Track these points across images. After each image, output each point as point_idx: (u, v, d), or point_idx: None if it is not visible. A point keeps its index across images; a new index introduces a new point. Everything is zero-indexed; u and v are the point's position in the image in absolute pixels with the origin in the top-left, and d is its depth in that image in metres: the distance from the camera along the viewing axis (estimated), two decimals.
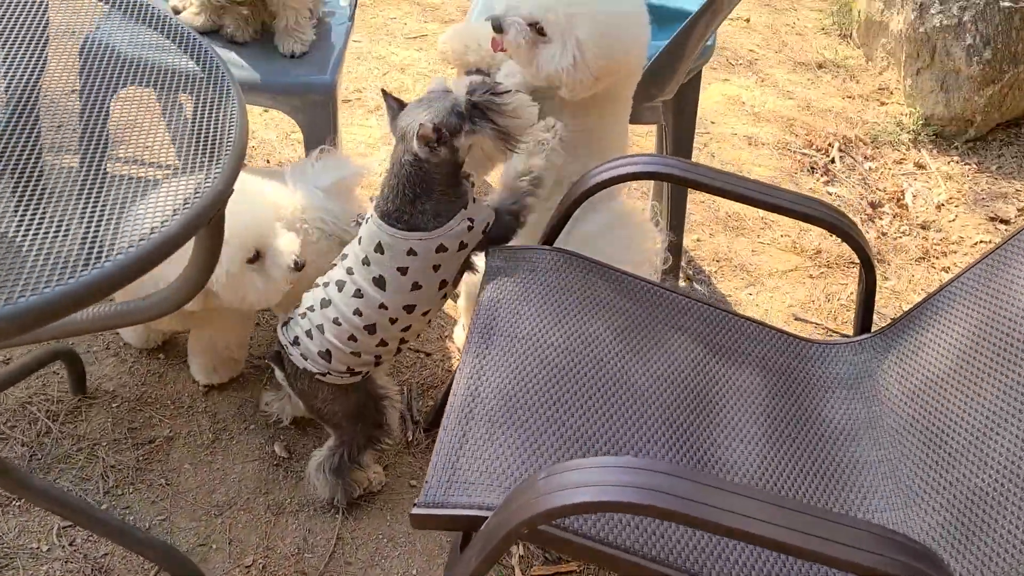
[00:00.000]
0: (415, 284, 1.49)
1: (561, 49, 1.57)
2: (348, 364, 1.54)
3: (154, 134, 1.12)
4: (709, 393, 1.41)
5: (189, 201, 0.94)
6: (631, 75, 1.69)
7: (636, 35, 1.63)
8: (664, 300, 1.54)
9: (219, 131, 1.07)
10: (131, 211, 0.95)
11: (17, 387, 1.79)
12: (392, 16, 3.31)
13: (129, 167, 1.08)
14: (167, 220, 0.90)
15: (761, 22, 3.72)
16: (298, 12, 1.89)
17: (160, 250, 0.88)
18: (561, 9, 1.57)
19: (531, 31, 1.60)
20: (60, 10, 1.36)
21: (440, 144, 1.40)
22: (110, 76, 1.17)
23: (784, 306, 2.41)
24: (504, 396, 1.30)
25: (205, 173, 0.99)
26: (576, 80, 1.60)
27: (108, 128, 1.08)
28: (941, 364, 1.40)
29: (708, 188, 1.50)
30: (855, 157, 3.03)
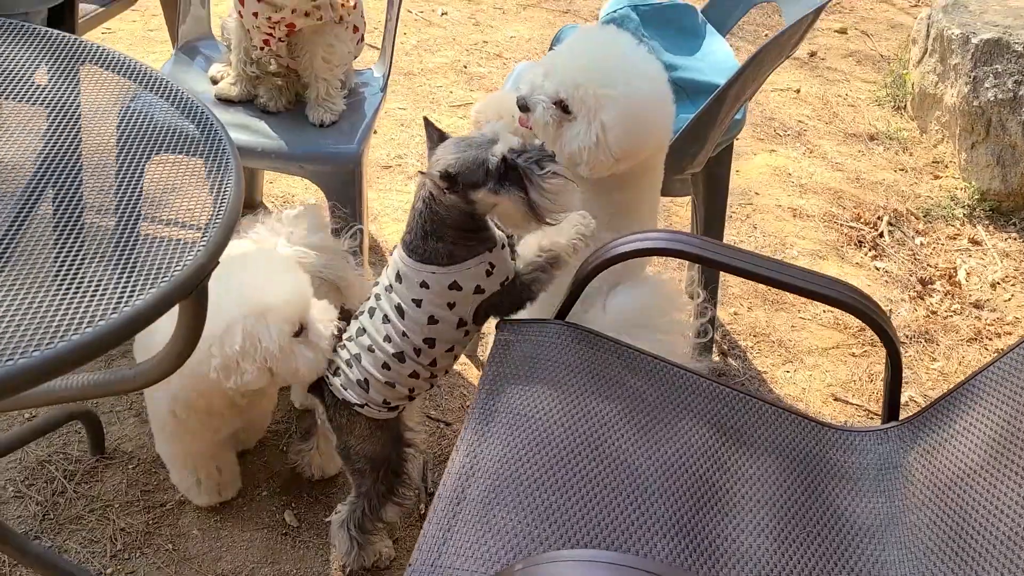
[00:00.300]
0: (431, 318, 1.46)
1: (585, 128, 1.57)
2: (384, 395, 1.52)
3: (153, 202, 1.13)
4: (719, 482, 1.35)
5: (167, 274, 0.94)
6: (656, 154, 1.68)
7: (660, 119, 1.62)
8: (678, 380, 1.49)
9: (211, 205, 1.07)
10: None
11: (39, 445, 1.81)
12: (439, 84, 3.36)
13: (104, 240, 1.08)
14: (142, 292, 0.90)
15: (812, 93, 3.68)
16: (329, 83, 1.92)
17: (131, 324, 0.88)
18: (590, 89, 1.57)
19: (556, 109, 1.60)
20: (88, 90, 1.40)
21: (452, 192, 1.37)
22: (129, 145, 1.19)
23: (823, 385, 2.33)
24: (499, 477, 1.26)
25: (190, 246, 0.99)
26: (597, 160, 1.59)
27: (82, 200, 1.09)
28: (970, 459, 1.32)
29: (724, 267, 1.45)
30: (905, 232, 2.94)
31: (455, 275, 1.43)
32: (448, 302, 1.45)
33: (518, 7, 4.04)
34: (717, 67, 1.96)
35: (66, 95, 1.28)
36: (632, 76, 1.56)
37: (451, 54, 3.57)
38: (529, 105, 1.64)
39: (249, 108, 1.96)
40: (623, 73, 1.56)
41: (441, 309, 1.45)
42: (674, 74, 1.95)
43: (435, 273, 1.42)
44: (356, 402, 1.52)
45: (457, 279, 1.43)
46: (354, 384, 1.52)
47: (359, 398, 1.52)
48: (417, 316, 1.46)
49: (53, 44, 1.40)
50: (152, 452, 1.85)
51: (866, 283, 2.68)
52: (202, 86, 2.01)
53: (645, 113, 1.58)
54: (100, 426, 1.79)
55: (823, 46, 4.05)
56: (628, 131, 1.57)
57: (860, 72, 3.88)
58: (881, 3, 4.54)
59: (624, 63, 1.58)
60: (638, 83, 1.56)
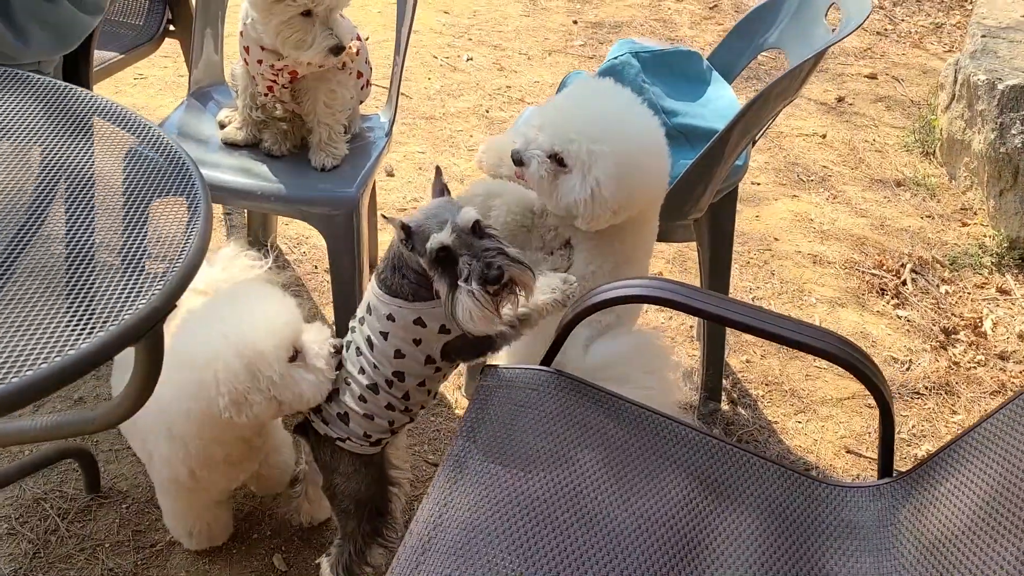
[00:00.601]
0: (397, 352, 1.46)
1: (580, 181, 1.58)
2: (364, 428, 1.52)
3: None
4: (699, 537, 1.31)
5: (118, 317, 0.95)
6: (650, 205, 1.67)
7: (654, 171, 1.62)
8: (662, 431, 1.46)
9: (174, 250, 1.08)
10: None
11: (36, 482, 1.83)
12: (459, 128, 3.39)
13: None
14: (90, 335, 0.91)
15: (838, 138, 3.63)
16: (331, 128, 1.94)
17: (76, 368, 0.88)
18: (584, 144, 1.57)
19: (551, 163, 1.61)
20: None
21: (407, 247, 1.37)
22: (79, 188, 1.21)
23: (836, 437, 2.26)
24: (469, 529, 1.24)
25: (146, 289, 1.00)
26: (593, 213, 1.59)
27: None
28: (960, 518, 1.26)
29: (707, 315, 1.43)
30: (930, 280, 2.87)
31: (419, 312, 1.43)
32: (413, 338, 1.45)
33: (543, 53, 4.07)
34: (719, 113, 1.94)
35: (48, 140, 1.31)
36: (625, 131, 1.57)
37: (473, 99, 3.60)
38: (524, 160, 1.64)
39: (254, 152, 1.99)
40: (616, 128, 1.56)
41: (407, 344, 1.46)
42: (675, 120, 1.94)
43: (400, 307, 1.43)
44: (337, 436, 1.52)
45: (422, 316, 1.43)
46: (334, 418, 1.52)
47: (340, 432, 1.52)
48: (384, 348, 1.46)
49: (50, 93, 1.44)
50: (147, 492, 1.85)
51: (887, 332, 2.62)
52: (211, 131, 2.05)
53: (638, 167, 1.58)
54: (95, 464, 1.80)
55: (852, 91, 4.01)
56: (622, 185, 1.57)
57: (889, 118, 3.83)
58: (914, 48, 4.50)
59: (617, 118, 1.58)
60: (631, 138, 1.57)
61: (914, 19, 4.83)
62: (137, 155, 1.28)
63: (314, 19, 1.76)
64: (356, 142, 2.06)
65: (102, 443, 1.93)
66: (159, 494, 1.70)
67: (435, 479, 1.33)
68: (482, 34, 4.20)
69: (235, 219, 2.71)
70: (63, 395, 2.03)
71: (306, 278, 2.53)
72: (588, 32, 4.33)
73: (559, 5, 4.61)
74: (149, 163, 1.26)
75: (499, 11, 4.47)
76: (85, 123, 1.35)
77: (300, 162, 1.97)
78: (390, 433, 1.56)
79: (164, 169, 1.25)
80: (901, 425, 2.31)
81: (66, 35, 1.75)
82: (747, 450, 1.47)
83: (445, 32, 4.17)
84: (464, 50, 4.02)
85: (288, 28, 1.76)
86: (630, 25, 4.45)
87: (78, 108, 1.40)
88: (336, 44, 1.78)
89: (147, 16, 2.39)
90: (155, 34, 2.39)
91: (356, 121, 2.08)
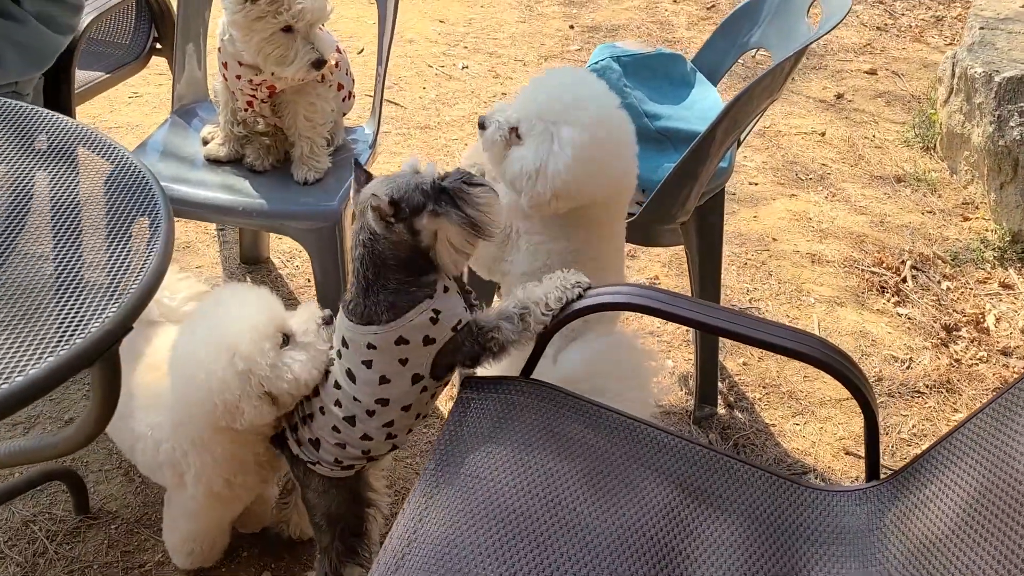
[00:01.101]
0: (383, 378, 1.41)
1: (532, 153, 1.55)
2: (336, 455, 1.49)
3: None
4: (679, 545, 1.29)
5: (71, 340, 0.94)
6: (608, 200, 1.63)
7: (612, 163, 1.58)
8: (643, 438, 1.43)
9: (130, 274, 1.07)
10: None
11: (25, 504, 1.83)
12: (454, 137, 3.38)
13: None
14: (40, 359, 0.90)
15: (837, 135, 3.60)
16: (312, 141, 1.94)
17: (26, 392, 0.87)
18: (544, 122, 1.55)
19: (510, 133, 1.60)
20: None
21: (398, 220, 1.32)
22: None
23: (835, 439, 2.23)
24: (444, 544, 1.22)
25: (99, 314, 0.99)
26: (535, 191, 1.55)
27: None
28: (946, 521, 1.23)
29: (686, 321, 1.41)
30: (931, 276, 2.83)
31: (399, 331, 1.38)
32: (399, 359, 1.40)
33: (539, 59, 4.06)
34: (703, 115, 1.92)
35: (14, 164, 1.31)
36: (588, 117, 1.54)
37: (469, 107, 3.59)
38: (485, 124, 1.63)
39: (237, 168, 1.98)
40: (579, 113, 1.53)
41: (392, 367, 1.41)
42: (658, 123, 1.92)
43: (377, 333, 1.38)
44: (307, 459, 1.51)
45: (402, 334, 1.38)
46: (306, 442, 1.51)
47: (310, 456, 1.51)
48: (368, 377, 1.42)
49: (16, 116, 1.44)
50: (136, 512, 1.85)
51: (887, 330, 2.58)
52: (195, 148, 2.05)
53: (593, 155, 1.54)
54: (83, 486, 1.80)
55: (851, 87, 3.97)
56: (570, 168, 1.53)
57: (889, 113, 3.79)
58: (914, 42, 4.45)
59: (583, 104, 1.55)
60: (592, 125, 1.54)
61: (914, 13, 4.79)
62: (97, 174, 1.27)
63: (295, 35, 1.75)
64: (340, 155, 2.05)
65: (92, 464, 1.93)
66: (183, 518, 1.66)
67: (410, 495, 1.31)
68: (477, 42, 4.20)
69: (228, 235, 2.71)
70: (54, 416, 2.03)
71: (298, 292, 2.52)
72: (584, 36, 4.31)
73: (555, 10, 4.60)
74: (111, 183, 1.25)
75: (495, 18, 4.46)
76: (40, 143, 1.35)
77: (283, 176, 1.96)
78: (365, 460, 1.54)
79: (126, 188, 1.24)
80: (901, 425, 2.28)
81: (36, 54, 1.75)
82: (731, 456, 1.44)
83: (440, 41, 4.17)
84: (459, 58, 4.01)
85: (269, 45, 1.75)
86: (627, 28, 4.43)
87: (32, 127, 1.40)
88: (318, 58, 1.78)
89: (133, 35, 2.40)
90: (141, 52, 2.39)
91: (339, 133, 2.08)
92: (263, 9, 1.70)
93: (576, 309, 1.44)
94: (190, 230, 2.72)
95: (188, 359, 1.46)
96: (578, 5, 4.67)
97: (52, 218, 1.20)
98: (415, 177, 1.35)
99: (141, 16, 2.38)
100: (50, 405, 2.06)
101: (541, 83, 1.66)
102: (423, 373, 1.43)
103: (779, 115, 3.68)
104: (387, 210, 1.31)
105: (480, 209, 1.34)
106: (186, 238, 2.69)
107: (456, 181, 1.35)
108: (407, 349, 1.39)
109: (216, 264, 2.61)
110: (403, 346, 1.39)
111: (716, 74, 2.15)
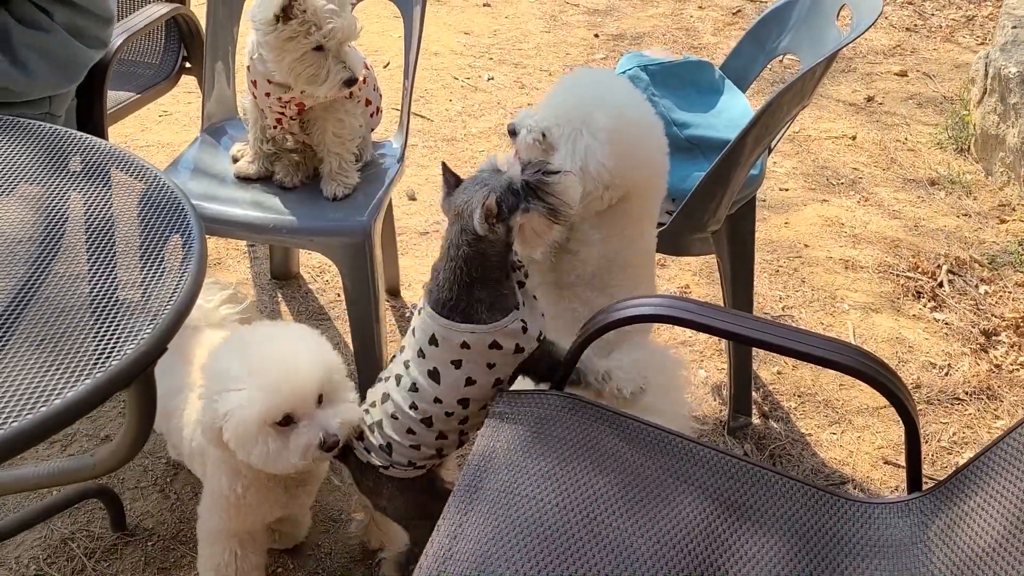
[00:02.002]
0: (469, 379, 1.45)
1: (570, 157, 1.56)
2: (409, 457, 1.51)
3: None
4: (718, 560, 1.27)
5: (107, 361, 0.94)
6: (641, 201, 1.62)
7: (644, 143, 1.58)
8: (678, 450, 1.42)
9: (164, 294, 1.07)
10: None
11: (63, 522, 1.85)
12: (481, 149, 3.38)
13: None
14: (77, 381, 0.90)
15: (868, 139, 3.56)
16: (341, 157, 1.94)
17: (65, 415, 0.88)
18: (572, 119, 1.57)
19: (543, 138, 1.61)
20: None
21: (499, 221, 1.37)
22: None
23: (873, 448, 2.19)
24: (480, 560, 1.21)
25: (134, 336, 0.99)
26: (585, 191, 1.57)
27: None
28: (991, 534, 1.20)
29: (719, 332, 1.39)
30: (968, 280, 2.78)
31: (495, 334, 1.41)
32: (488, 362, 1.44)
33: (564, 69, 4.05)
34: (732, 123, 1.91)
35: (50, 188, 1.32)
36: (612, 110, 1.55)
37: (495, 118, 3.60)
38: (516, 130, 1.65)
39: (267, 185, 1.99)
40: (603, 104, 1.54)
41: (480, 369, 1.44)
42: (687, 132, 1.91)
43: (475, 332, 1.41)
44: (380, 464, 1.52)
45: (497, 338, 1.42)
46: (377, 449, 1.52)
47: (383, 461, 1.52)
48: (454, 378, 1.44)
49: (50, 139, 1.46)
50: (172, 528, 1.86)
51: (924, 336, 2.54)
52: (225, 166, 2.06)
53: (625, 137, 1.55)
54: (119, 503, 1.81)
55: (881, 90, 3.93)
56: (608, 156, 1.53)
57: (921, 115, 3.74)
58: (945, 42, 4.40)
59: (606, 99, 1.57)
60: (619, 111, 1.55)
61: (944, 13, 4.73)
62: (130, 195, 1.28)
63: (326, 53, 1.76)
64: (368, 169, 2.06)
65: (127, 481, 1.95)
66: (202, 511, 1.67)
67: (445, 510, 1.30)
68: (503, 53, 4.20)
69: (258, 251, 2.72)
70: (91, 433, 2.05)
71: (329, 307, 2.53)
72: (609, 45, 4.30)
73: (580, 19, 4.60)
74: (144, 203, 1.26)
75: (520, 29, 4.47)
76: (75, 165, 1.36)
77: (313, 192, 1.97)
78: (438, 457, 1.55)
79: (159, 208, 1.25)
80: (941, 433, 2.24)
81: (66, 66, 1.77)
82: (768, 468, 1.42)
83: (466, 53, 4.18)
84: (485, 70, 4.02)
85: (301, 64, 1.76)
86: (652, 35, 4.42)
87: (66, 150, 1.41)
88: (350, 76, 1.78)
89: (163, 55, 2.42)
90: (171, 72, 2.42)
91: (367, 149, 2.08)
92: (294, 30, 1.70)
93: (608, 322, 1.42)
94: (221, 246, 2.74)
95: (218, 376, 1.45)
96: (602, 14, 4.67)
97: (87, 239, 1.21)
98: (501, 177, 1.41)
99: (170, 36, 2.40)
100: (87, 423, 2.07)
101: (563, 86, 1.66)
102: (504, 378, 1.47)
103: (809, 119, 3.65)
104: (495, 211, 1.36)
105: (561, 196, 1.41)
106: (217, 255, 2.71)
107: (537, 174, 1.41)
108: (498, 354, 1.43)
109: (247, 280, 2.63)
110: (495, 351, 1.43)
111: (745, 80, 2.13)
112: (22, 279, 1.11)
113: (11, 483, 1.14)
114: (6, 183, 1.30)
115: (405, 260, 2.70)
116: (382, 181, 2.03)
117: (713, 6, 4.77)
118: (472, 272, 1.40)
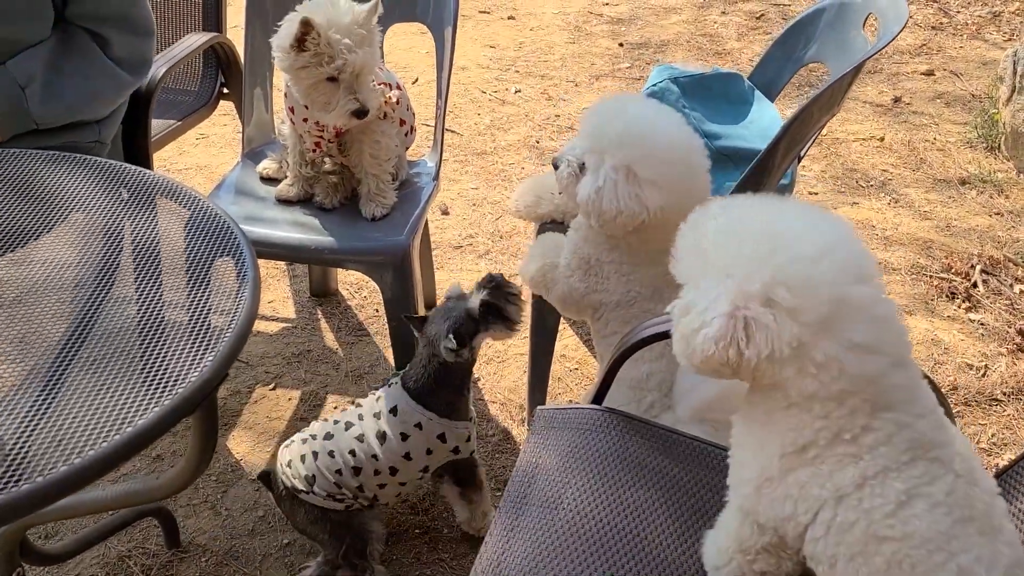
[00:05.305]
0: (407, 454, 1.67)
1: (591, 181, 1.62)
2: (328, 491, 1.68)
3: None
4: None
5: (171, 390, 0.99)
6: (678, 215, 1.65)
7: (667, 175, 1.60)
8: (720, 464, 1.44)
9: (223, 321, 1.12)
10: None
11: (121, 540, 1.90)
12: (511, 162, 3.42)
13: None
14: (145, 409, 0.95)
15: (897, 140, 3.56)
16: (379, 178, 1.99)
17: (135, 443, 0.93)
18: (598, 147, 1.62)
19: (580, 169, 1.66)
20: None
21: (462, 348, 1.62)
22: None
23: None
24: (530, 572, 1.25)
25: (197, 361, 1.04)
26: (599, 211, 1.62)
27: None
28: None
29: None
30: (1002, 280, 2.78)
31: (446, 428, 1.68)
32: (428, 448, 1.68)
33: (590, 79, 4.09)
34: (762, 133, 1.93)
35: (107, 218, 1.37)
36: (647, 138, 1.59)
37: (524, 130, 3.64)
38: (558, 164, 1.73)
39: (307, 206, 2.05)
40: (638, 134, 1.60)
41: (420, 450, 1.68)
42: (718, 143, 1.93)
43: (431, 420, 1.67)
44: (302, 488, 1.68)
45: (446, 433, 1.68)
46: (302, 477, 1.68)
47: (304, 486, 1.68)
48: (396, 448, 1.67)
49: (104, 171, 1.51)
50: (224, 544, 1.91)
51: (959, 337, 2.54)
52: (265, 189, 2.12)
53: (644, 170, 1.58)
54: (174, 521, 1.86)
55: (908, 90, 3.92)
56: (632, 180, 1.58)
57: (949, 114, 3.74)
58: (971, 40, 4.38)
59: (640, 125, 1.61)
60: (639, 143, 1.59)
61: (970, 10, 4.71)
62: (180, 223, 1.33)
63: (339, 84, 1.81)
64: (405, 189, 2.10)
65: (180, 498, 2.00)
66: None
67: (492, 526, 1.34)
68: (529, 65, 4.24)
69: (297, 269, 2.78)
70: (143, 453, 2.11)
71: (368, 322, 2.58)
72: (634, 54, 4.33)
73: (603, 29, 4.63)
74: (197, 232, 1.31)
75: (544, 40, 4.51)
76: (139, 197, 1.42)
77: (352, 213, 2.02)
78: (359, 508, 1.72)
79: (212, 237, 1.30)
80: (980, 434, 2.24)
81: (105, 91, 1.81)
82: None
83: (492, 66, 4.22)
84: (512, 82, 4.06)
85: (315, 91, 1.82)
86: (676, 43, 4.44)
87: (117, 181, 1.47)
88: (358, 108, 1.82)
89: (201, 82, 2.49)
90: (210, 98, 2.48)
91: (403, 168, 2.13)
92: (308, 60, 1.76)
93: (645, 337, 1.45)
94: (261, 266, 2.80)
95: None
96: (625, 23, 4.70)
97: (147, 266, 1.26)
98: (461, 304, 1.67)
99: (208, 64, 2.47)
100: None
101: (593, 113, 1.70)
102: (432, 468, 1.73)
103: (836, 122, 3.65)
104: (455, 349, 1.62)
105: (519, 305, 1.68)
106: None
107: (494, 293, 1.66)
108: (440, 446, 1.70)
109: (287, 298, 2.68)
110: (439, 442, 1.69)
111: (773, 90, 2.15)
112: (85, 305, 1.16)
113: (87, 505, 1.19)
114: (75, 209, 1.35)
115: (441, 274, 2.74)
116: (418, 200, 2.08)
117: (735, 11, 4.79)
118: (439, 380, 1.68)
